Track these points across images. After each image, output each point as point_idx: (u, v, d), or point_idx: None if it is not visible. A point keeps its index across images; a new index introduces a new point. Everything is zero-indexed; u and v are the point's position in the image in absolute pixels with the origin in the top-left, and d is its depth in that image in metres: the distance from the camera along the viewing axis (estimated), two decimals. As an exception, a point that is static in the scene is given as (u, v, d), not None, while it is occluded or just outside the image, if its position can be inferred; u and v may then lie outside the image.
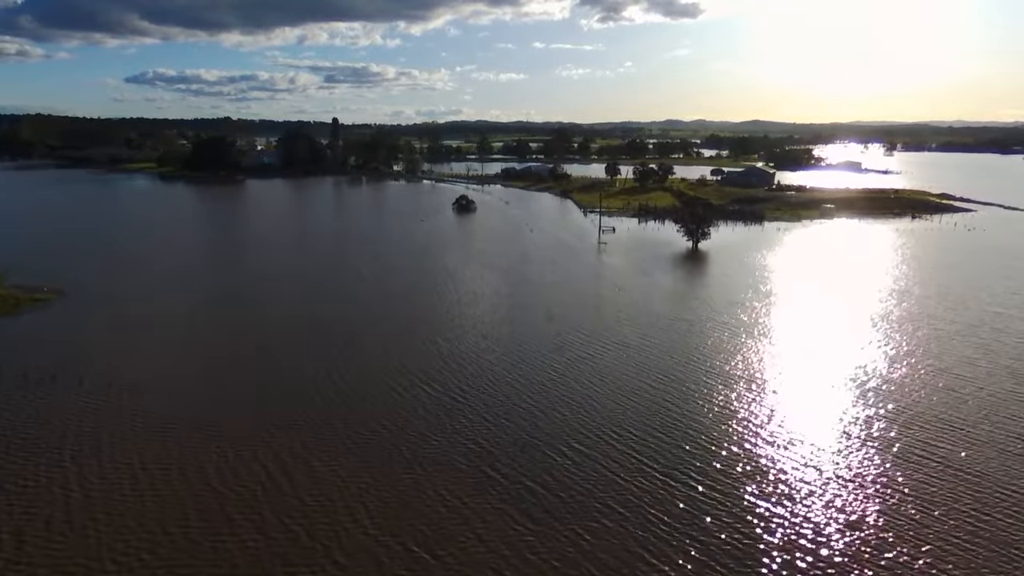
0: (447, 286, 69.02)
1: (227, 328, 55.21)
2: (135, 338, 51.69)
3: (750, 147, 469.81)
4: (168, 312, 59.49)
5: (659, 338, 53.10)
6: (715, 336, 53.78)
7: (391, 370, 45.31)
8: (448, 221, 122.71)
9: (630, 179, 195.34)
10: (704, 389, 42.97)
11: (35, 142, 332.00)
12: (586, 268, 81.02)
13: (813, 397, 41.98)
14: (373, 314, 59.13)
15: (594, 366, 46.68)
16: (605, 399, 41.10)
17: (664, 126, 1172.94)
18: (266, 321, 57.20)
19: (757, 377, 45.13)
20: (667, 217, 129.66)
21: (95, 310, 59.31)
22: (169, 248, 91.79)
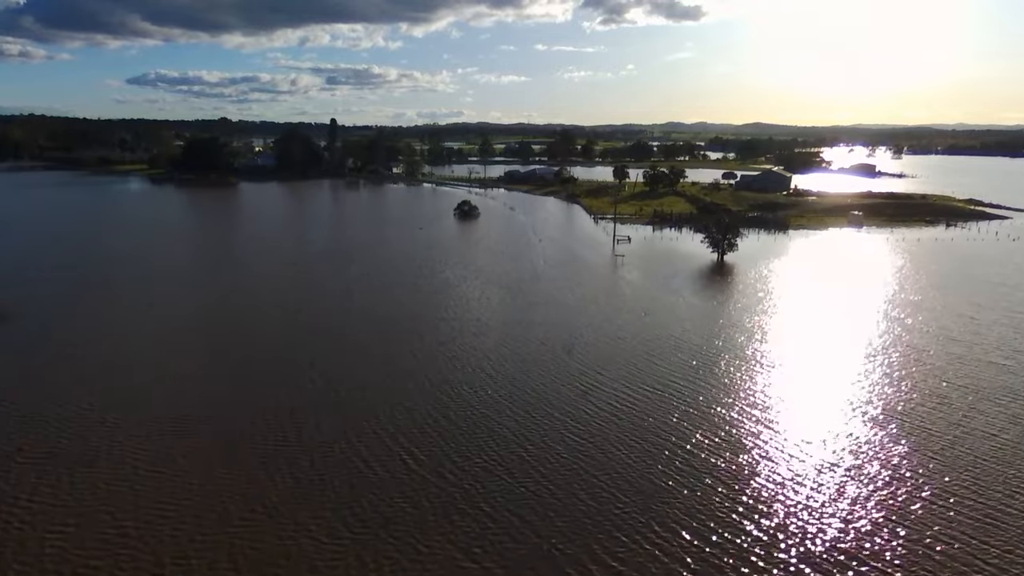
0: (446, 311, 60.18)
1: (171, 381, 46.44)
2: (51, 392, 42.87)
3: (757, 150, 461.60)
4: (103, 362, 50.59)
5: (702, 380, 44.33)
6: (772, 377, 45.03)
7: (368, 438, 36.41)
8: (449, 229, 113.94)
9: (639, 183, 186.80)
10: (775, 452, 34.21)
11: (26, 143, 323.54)
12: (604, 286, 72.20)
13: (917, 474, 33.20)
14: (355, 351, 50.26)
15: (628, 419, 37.89)
16: (648, 475, 32.27)
17: (665, 128, 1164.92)
18: (216, 374, 48.36)
19: (838, 437, 36.34)
20: (684, 224, 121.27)
21: (36, 344, 50.41)
22: (125, 267, 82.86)
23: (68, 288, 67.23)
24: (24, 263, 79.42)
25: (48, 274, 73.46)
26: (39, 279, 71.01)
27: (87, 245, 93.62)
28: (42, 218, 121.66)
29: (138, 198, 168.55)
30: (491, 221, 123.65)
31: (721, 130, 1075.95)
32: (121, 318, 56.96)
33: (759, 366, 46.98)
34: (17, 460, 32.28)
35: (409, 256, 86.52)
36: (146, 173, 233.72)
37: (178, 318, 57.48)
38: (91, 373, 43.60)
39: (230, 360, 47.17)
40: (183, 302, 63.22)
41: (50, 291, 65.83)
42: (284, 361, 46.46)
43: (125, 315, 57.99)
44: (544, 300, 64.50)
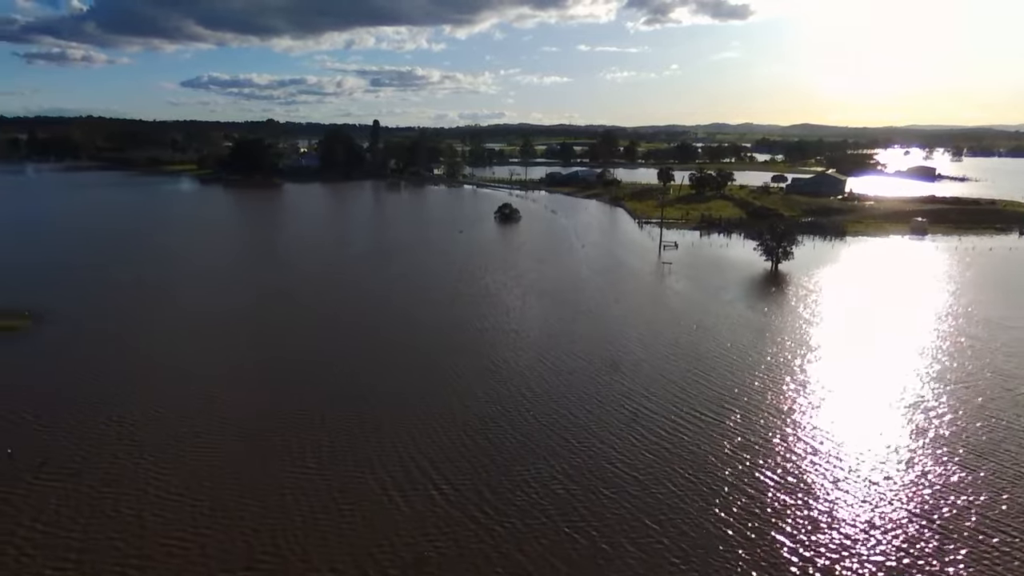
0: (485, 321, 57.60)
1: (201, 381, 44.95)
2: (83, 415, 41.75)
3: (806, 152, 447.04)
4: (148, 364, 49.53)
5: (761, 404, 40.68)
6: (840, 403, 41.07)
7: (397, 464, 33.99)
8: (490, 233, 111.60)
9: (685, 186, 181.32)
10: (850, 495, 30.51)
11: (84, 143, 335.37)
12: (651, 296, 68.64)
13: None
14: (389, 362, 48.06)
15: (680, 450, 34.62)
16: (704, 523, 28.98)
17: (710, 129, 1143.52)
18: (244, 380, 46.72)
19: (922, 480, 32.38)
20: (733, 230, 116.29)
21: (68, 348, 49.70)
22: (165, 267, 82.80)
23: (104, 288, 67.10)
24: (64, 262, 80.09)
25: (85, 274, 73.70)
26: (76, 279, 71.20)
27: (129, 246, 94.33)
28: (87, 218, 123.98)
29: (185, 198, 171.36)
30: (532, 224, 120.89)
31: (768, 131, 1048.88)
32: (156, 318, 56.17)
33: (824, 390, 43.00)
34: (39, 476, 30.98)
35: (448, 260, 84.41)
36: (195, 173, 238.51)
37: (211, 320, 56.36)
38: (117, 381, 42.46)
39: (259, 369, 45.51)
40: (218, 304, 62.18)
41: (86, 291, 65.76)
42: (317, 369, 44.58)
43: (160, 316, 57.21)
44: (587, 310, 61.39)
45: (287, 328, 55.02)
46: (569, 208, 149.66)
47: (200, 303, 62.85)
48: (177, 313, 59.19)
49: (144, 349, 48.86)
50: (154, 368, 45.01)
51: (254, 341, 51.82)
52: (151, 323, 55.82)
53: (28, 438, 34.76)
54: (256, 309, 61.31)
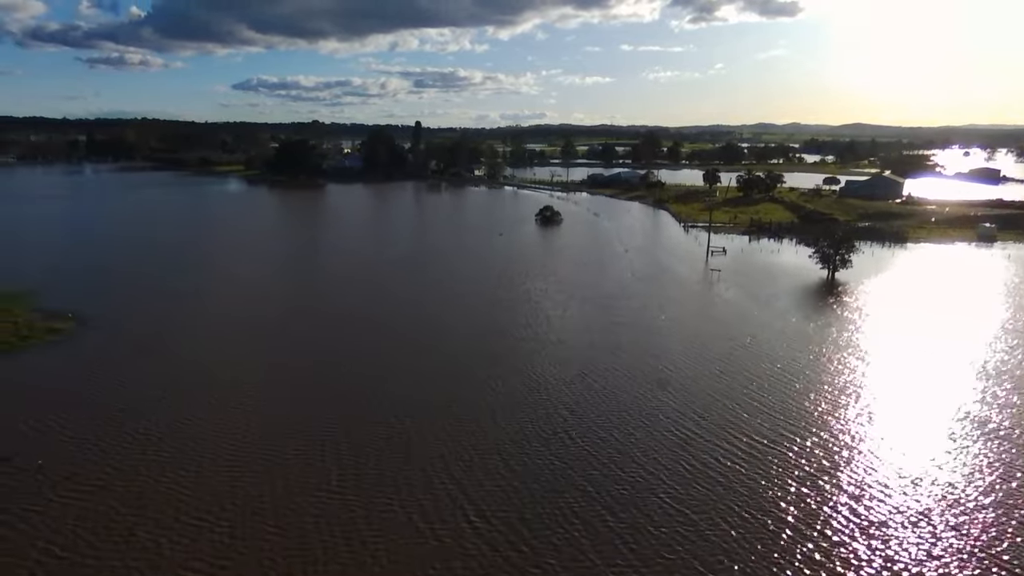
0: (524, 330, 55.17)
1: (224, 391, 43.69)
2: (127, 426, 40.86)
3: (859, 153, 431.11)
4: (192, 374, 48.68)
5: (822, 430, 37.22)
6: (914, 431, 37.32)
7: (428, 489, 31.85)
8: (530, 236, 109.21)
9: (732, 187, 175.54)
10: (928, 548, 27.06)
11: (139, 145, 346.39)
12: (700, 305, 65.15)
13: None
14: (424, 372, 46.09)
15: (736, 483, 31.56)
16: (768, 573, 25.95)
17: (756, 130, 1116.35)
18: (274, 395, 45.28)
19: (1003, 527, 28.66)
20: (784, 235, 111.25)
21: (106, 354, 49.22)
22: (205, 270, 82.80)
23: (147, 292, 67.06)
24: (111, 265, 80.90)
25: (130, 276, 74.07)
26: (122, 282, 71.53)
27: (174, 248, 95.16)
28: (136, 220, 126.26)
29: (231, 199, 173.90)
30: (574, 227, 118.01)
31: (816, 131, 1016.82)
32: (195, 323, 55.58)
33: (893, 416, 39.22)
34: (59, 492, 29.92)
35: (487, 264, 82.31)
36: (242, 174, 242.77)
37: (247, 327, 55.44)
38: (148, 391, 41.55)
39: (292, 378, 44.05)
40: (255, 311, 61.31)
41: (129, 294, 65.83)
42: (348, 379, 42.92)
43: (199, 320, 56.62)
44: (632, 320, 58.40)
45: (320, 336, 53.68)
46: (611, 210, 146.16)
47: (237, 309, 62.15)
48: (215, 318, 58.55)
49: (179, 356, 48.05)
50: (187, 376, 44.03)
51: (290, 350, 50.58)
52: (189, 328, 55.23)
53: (55, 448, 33.89)
54: (293, 316, 60.25)
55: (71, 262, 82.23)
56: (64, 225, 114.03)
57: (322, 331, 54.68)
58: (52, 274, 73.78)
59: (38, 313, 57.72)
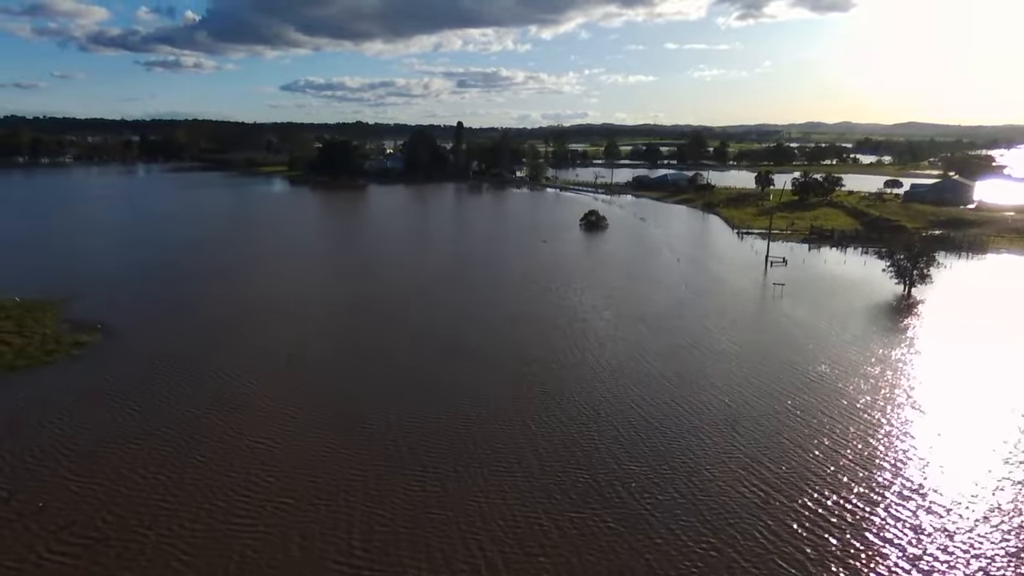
0: (570, 354, 50.35)
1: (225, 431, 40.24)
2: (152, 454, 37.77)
3: (918, 153, 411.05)
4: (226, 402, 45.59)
5: (929, 490, 31.61)
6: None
7: (465, 552, 27.57)
8: (575, 243, 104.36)
9: (786, 191, 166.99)
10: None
11: (188, 145, 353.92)
12: (765, 327, 59.31)
13: None
14: (457, 405, 41.91)
15: (833, 561, 26.37)
16: None
17: (804, 129, 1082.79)
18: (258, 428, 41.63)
19: None
20: (849, 244, 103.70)
21: (121, 378, 46.53)
22: (241, 277, 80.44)
23: (182, 299, 64.80)
24: (148, 269, 79.34)
25: (166, 282, 72.14)
26: (158, 288, 69.55)
27: (214, 253, 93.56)
28: (180, 221, 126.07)
29: (274, 200, 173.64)
30: (620, 234, 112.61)
31: (869, 131, 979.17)
32: (227, 339, 52.69)
33: (1012, 480, 33.27)
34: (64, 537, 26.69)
35: (530, 276, 77.73)
36: (286, 174, 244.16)
37: (278, 344, 52.26)
38: (169, 418, 38.45)
39: (315, 410, 40.45)
40: (288, 327, 58.26)
41: (164, 301, 63.65)
42: (375, 412, 39.05)
43: (231, 335, 53.74)
44: (691, 343, 53.14)
45: (348, 362, 50.12)
46: (659, 215, 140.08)
47: (271, 323, 59.13)
48: (248, 334, 55.56)
49: (208, 377, 44.91)
50: (211, 402, 40.83)
51: (316, 379, 47.10)
52: (222, 343, 52.33)
53: (58, 488, 30.86)
54: (320, 339, 56.92)
55: (111, 265, 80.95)
56: (108, 227, 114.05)
57: (349, 360, 51.10)
58: (91, 279, 72.39)
59: (67, 324, 55.75)
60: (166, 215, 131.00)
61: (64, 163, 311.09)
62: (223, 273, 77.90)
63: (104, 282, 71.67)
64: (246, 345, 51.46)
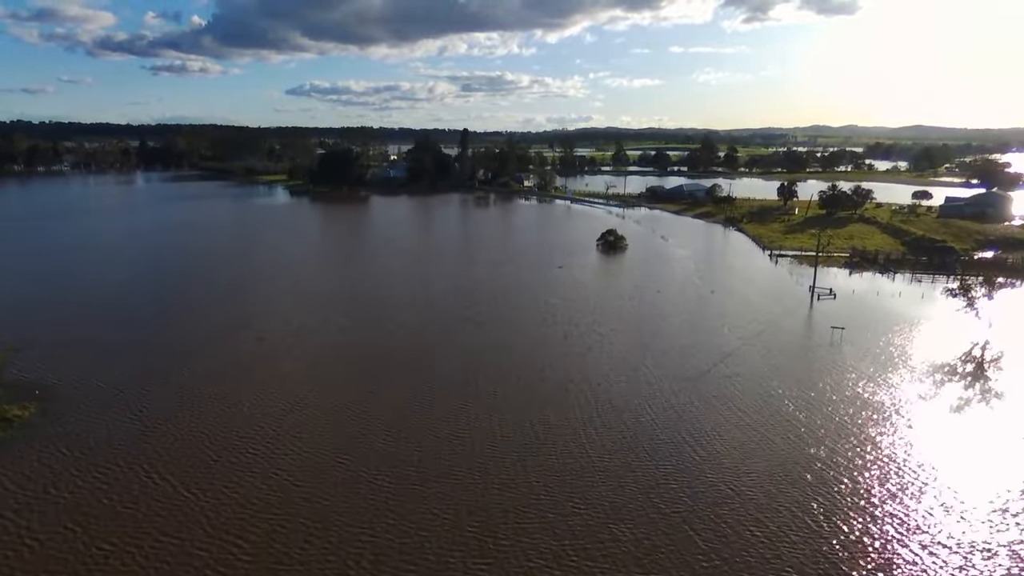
0: (597, 438, 41.23)
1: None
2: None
3: (934, 159, 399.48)
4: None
5: None
6: None
7: None
8: (593, 268, 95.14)
9: (813, 202, 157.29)
10: None
11: (189, 153, 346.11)
12: (833, 387, 49.73)
13: None
14: (459, 501, 32.83)
15: None
16: None
17: (810, 132, 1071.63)
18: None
19: None
20: (896, 268, 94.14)
21: (55, 473, 37.54)
22: (233, 328, 71.20)
23: (150, 355, 55.80)
24: (121, 308, 70.47)
25: (132, 328, 63.20)
26: (121, 333, 60.57)
27: (198, 287, 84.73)
28: (166, 244, 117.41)
29: (269, 216, 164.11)
30: (642, 256, 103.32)
31: (875, 134, 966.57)
32: (200, 400, 43.77)
33: None
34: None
35: (548, 316, 68.12)
36: (286, 184, 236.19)
37: (252, 418, 43.35)
38: (113, 528, 29.48)
39: (293, 478, 31.46)
40: (273, 389, 49.39)
41: (125, 352, 54.59)
42: (373, 478, 30.04)
43: (205, 395, 44.82)
44: (758, 417, 43.81)
45: (344, 412, 41.14)
46: (680, 232, 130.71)
47: (251, 379, 50.13)
48: (219, 398, 46.60)
49: (174, 457, 36.06)
50: (170, 499, 31.88)
51: (302, 437, 38.13)
52: (194, 404, 43.39)
53: None
54: (311, 396, 47.93)
55: (81, 298, 72.09)
56: (86, 252, 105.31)
57: (344, 410, 42.10)
58: (53, 317, 63.73)
59: (1, 390, 46.36)
60: (155, 236, 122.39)
61: (61, 171, 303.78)
62: (210, 313, 68.91)
63: (69, 322, 62.85)
64: (204, 407, 42.39)
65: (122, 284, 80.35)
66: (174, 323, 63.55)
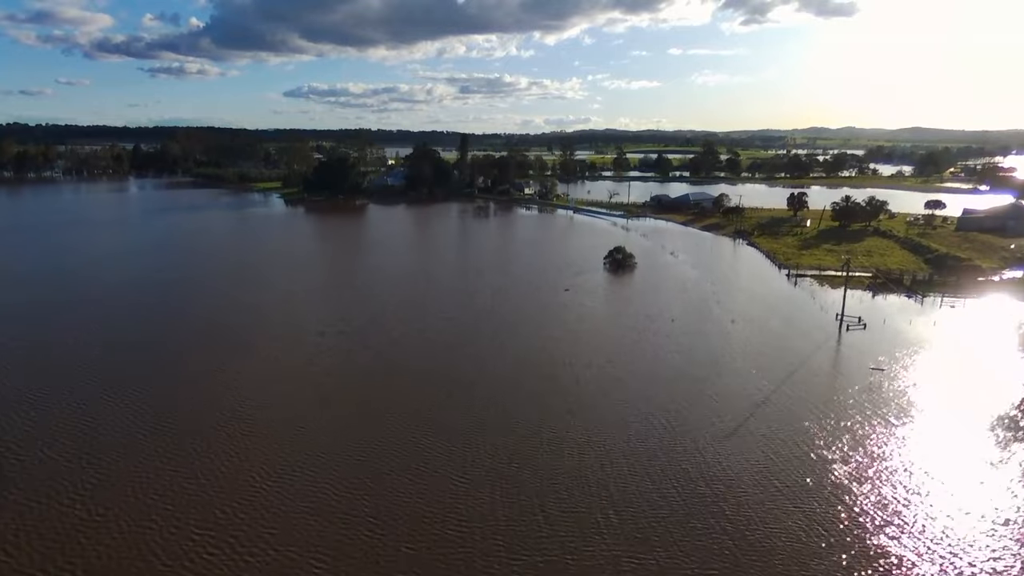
0: (623, 542, 35.67)
1: None
2: None
3: (939, 163, 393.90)
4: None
5: None
6: None
7: None
8: (601, 291, 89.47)
9: (826, 211, 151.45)
10: None
11: (182, 158, 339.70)
12: (890, 455, 44.28)
13: None
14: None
15: None
16: None
17: (808, 134, 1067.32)
18: None
19: None
20: (921, 290, 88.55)
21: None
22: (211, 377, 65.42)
23: (113, 408, 50.23)
24: (64, 361, 64.77)
25: (78, 384, 57.58)
26: (78, 392, 54.97)
27: (174, 329, 79.03)
28: (146, 273, 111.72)
29: (261, 230, 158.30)
30: (652, 276, 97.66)
31: (873, 135, 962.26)
32: (161, 474, 38.15)
33: None
34: None
35: (556, 355, 62.84)
36: (281, 193, 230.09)
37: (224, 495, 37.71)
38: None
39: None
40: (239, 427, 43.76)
41: (73, 428, 49.05)
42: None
43: (170, 472, 39.18)
44: (795, 482, 38.28)
45: (322, 505, 35.50)
46: (688, 247, 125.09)
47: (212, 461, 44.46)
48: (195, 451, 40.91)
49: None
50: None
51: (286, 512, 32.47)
52: (163, 491, 37.74)
53: None
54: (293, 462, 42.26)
55: (38, 338, 66.49)
56: (54, 272, 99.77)
57: (321, 506, 36.46)
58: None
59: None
60: (135, 260, 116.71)
61: (51, 178, 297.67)
62: (187, 361, 63.23)
63: (12, 378, 57.15)
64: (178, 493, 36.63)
65: (103, 317, 74.61)
66: (124, 386, 57.77)
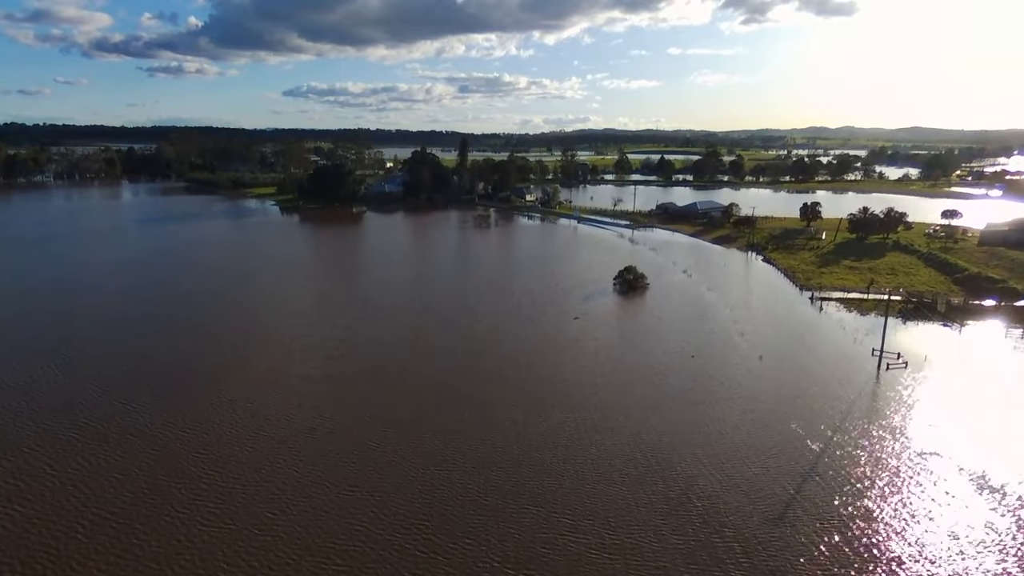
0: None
1: None
2: None
3: (946, 165, 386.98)
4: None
5: None
6: None
7: None
8: (613, 320, 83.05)
9: (842, 222, 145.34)
10: None
11: (177, 161, 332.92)
12: (965, 542, 38.16)
13: None
14: None
15: None
16: None
17: (808, 134, 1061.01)
18: None
19: None
20: (961, 317, 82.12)
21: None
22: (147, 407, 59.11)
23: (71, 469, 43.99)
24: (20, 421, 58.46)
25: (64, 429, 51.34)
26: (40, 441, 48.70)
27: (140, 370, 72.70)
28: (124, 295, 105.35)
29: (253, 243, 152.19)
30: (666, 302, 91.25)
31: (872, 135, 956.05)
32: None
33: None
34: None
35: (570, 411, 56.64)
36: (276, 199, 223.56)
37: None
38: None
39: None
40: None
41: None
42: None
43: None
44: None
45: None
46: (702, 264, 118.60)
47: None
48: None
49: None
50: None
51: None
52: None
53: None
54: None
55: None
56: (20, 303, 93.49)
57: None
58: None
59: None
60: (105, 278, 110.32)
61: (42, 183, 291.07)
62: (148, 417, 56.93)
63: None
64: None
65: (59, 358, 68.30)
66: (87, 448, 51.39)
